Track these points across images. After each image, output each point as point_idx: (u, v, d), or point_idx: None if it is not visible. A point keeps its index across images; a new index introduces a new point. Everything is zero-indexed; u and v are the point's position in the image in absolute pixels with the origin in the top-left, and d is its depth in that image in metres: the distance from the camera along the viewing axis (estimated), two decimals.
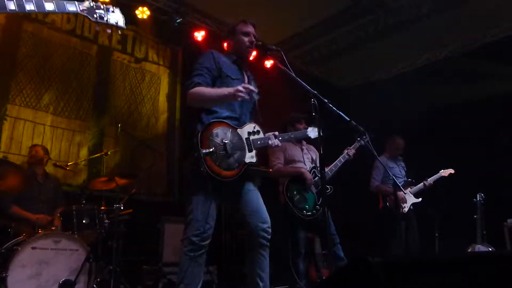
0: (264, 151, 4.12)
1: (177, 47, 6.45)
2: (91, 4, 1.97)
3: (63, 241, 3.44)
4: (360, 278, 1.04)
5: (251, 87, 2.42)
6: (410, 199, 4.80)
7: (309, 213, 3.86)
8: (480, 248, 4.50)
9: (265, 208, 2.62)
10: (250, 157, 2.54)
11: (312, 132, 3.26)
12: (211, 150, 2.34)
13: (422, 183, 4.89)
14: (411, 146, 5.22)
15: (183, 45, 6.40)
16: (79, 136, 5.19)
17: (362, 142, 4.48)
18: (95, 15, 1.97)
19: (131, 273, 4.21)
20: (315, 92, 2.38)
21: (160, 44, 6.28)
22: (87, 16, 1.95)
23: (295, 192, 3.88)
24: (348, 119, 2.41)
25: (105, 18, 2.00)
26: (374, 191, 5.03)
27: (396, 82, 7.27)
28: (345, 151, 4.10)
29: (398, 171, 5.08)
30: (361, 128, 2.55)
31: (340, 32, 6.86)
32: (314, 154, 4.26)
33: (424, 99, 6.54)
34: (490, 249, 4.49)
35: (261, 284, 2.50)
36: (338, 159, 4.08)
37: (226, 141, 2.43)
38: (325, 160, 3.80)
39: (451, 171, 4.93)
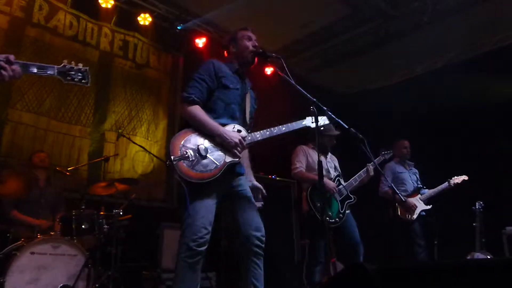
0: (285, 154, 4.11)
1: (178, 54, 6.49)
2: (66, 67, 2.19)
3: (62, 246, 3.44)
4: (357, 284, 1.05)
5: (244, 145, 2.54)
6: (420, 206, 4.75)
7: (332, 220, 3.85)
8: (479, 255, 4.49)
9: (259, 216, 2.60)
10: (232, 155, 2.53)
11: (310, 122, 3.03)
12: (180, 156, 2.36)
13: (431, 190, 4.84)
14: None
15: (184, 52, 6.44)
16: (79, 141, 5.21)
17: (386, 156, 4.52)
18: (67, 78, 2.22)
19: (130, 279, 4.20)
20: (315, 100, 2.40)
21: (161, 51, 6.32)
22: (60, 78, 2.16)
23: (318, 199, 3.85)
24: (347, 126, 2.42)
25: (75, 79, 2.25)
26: (382, 196, 4.96)
27: (395, 89, 7.30)
28: (368, 165, 4.05)
29: (408, 176, 4.99)
30: (360, 136, 2.55)
31: (340, 40, 6.91)
32: (337, 163, 4.28)
33: (423, 107, 6.58)
34: (488, 257, 4.48)
35: None
36: (361, 171, 4.11)
37: (198, 144, 2.45)
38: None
39: (465, 177, 4.77)
